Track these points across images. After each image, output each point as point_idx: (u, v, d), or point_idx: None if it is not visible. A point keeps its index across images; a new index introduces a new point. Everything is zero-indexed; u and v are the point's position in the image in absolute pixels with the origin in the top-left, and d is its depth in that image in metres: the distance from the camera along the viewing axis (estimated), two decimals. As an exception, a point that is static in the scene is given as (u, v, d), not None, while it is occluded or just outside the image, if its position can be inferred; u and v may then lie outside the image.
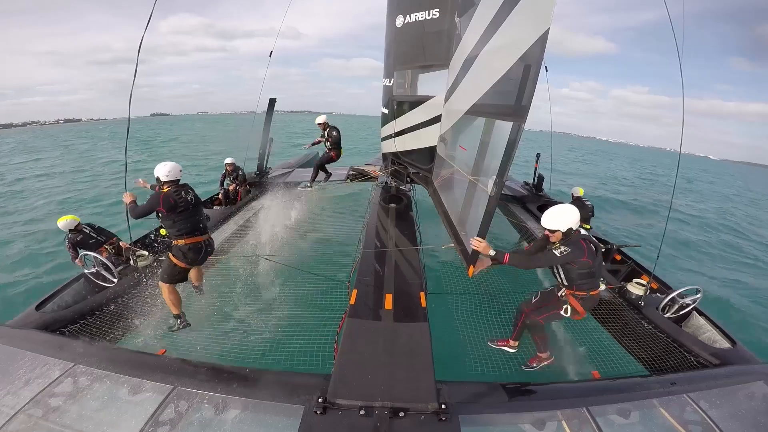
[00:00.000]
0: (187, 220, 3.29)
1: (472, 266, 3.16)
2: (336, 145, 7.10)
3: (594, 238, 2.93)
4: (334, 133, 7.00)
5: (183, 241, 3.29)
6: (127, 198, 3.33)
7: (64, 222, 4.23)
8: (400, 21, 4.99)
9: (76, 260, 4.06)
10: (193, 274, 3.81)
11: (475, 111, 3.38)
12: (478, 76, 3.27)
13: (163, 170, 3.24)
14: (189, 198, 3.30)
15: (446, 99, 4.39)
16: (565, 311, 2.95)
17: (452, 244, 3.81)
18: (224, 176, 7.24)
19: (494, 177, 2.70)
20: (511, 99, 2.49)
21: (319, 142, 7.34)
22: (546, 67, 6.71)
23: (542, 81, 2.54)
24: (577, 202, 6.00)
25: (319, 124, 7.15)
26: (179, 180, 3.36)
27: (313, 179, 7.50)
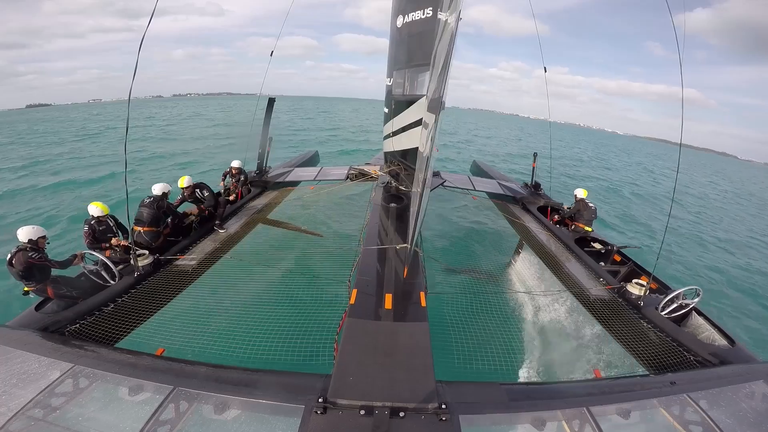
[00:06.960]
0: None
1: (406, 267, 3.26)
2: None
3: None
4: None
5: None
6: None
7: (95, 208, 4.24)
8: (399, 21, 5.00)
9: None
10: None
11: (430, 107, 3.39)
12: (435, 71, 3.28)
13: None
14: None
15: (426, 97, 4.39)
16: None
17: (405, 245, 3.79)
18: (225, 175, 7.21)
19: (422, 175, 2.71)
20: (438, 92, 2.53)
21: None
22: (545, 68, 6.70)
23: (540, 79, 2.60)
24: (580, 203, 5.95)
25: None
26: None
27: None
